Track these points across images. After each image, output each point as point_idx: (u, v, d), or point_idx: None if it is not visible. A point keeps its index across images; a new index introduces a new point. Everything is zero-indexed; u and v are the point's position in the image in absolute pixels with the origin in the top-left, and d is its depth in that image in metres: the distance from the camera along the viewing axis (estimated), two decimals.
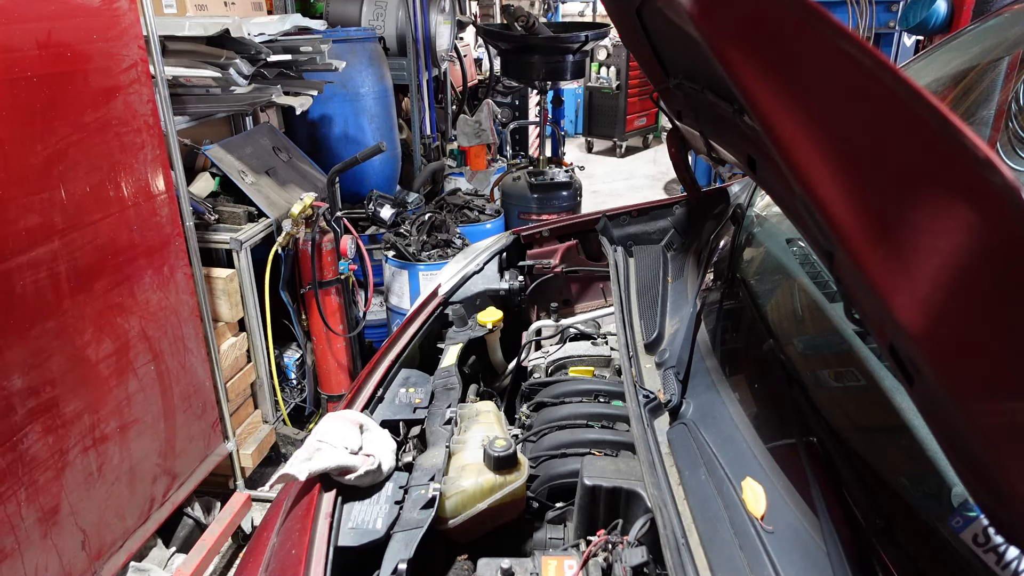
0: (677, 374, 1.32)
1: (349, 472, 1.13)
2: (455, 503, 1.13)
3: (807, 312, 1.35)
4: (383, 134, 3.62)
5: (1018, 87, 1.57)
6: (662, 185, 7.14)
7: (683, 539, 0.96)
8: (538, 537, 1.20)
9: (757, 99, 0.65)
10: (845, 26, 0.51)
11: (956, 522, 0.79)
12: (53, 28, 1.72)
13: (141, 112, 2.04)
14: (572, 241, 2.09)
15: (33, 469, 1.75)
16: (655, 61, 1.45)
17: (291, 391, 3.03)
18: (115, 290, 1.98)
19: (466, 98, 5.31)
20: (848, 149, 0.58)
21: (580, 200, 4.26)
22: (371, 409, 1.37)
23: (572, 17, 9.10)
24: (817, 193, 0.61)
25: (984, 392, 0.50)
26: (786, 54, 0.62)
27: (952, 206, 0.46)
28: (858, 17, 4.12)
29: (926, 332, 0.51)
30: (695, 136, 1.54)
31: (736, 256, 1.61)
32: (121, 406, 2.04)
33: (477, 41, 6.13)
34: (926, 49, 2.16)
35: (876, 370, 1.04)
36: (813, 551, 0.86)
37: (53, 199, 1.75)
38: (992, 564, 0.74)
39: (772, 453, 1.04)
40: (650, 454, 1.12)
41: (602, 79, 7.89)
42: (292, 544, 1.07)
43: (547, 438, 1.36)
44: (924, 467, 0.90)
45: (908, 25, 3.17)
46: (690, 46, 1.00)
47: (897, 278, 0.53)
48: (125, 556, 2.09)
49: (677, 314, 1.58)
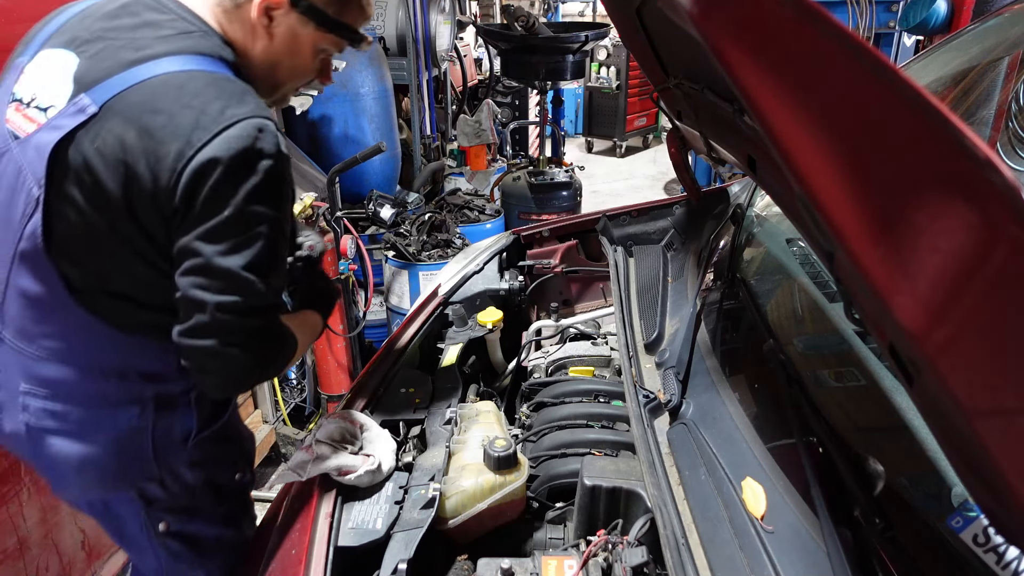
0: (677, 374, 1.32)
1: (349, 472, 1.13)
2: (455, 503, 1.13)
3: (807, 312, 1.35)
4: (383, 134, 3.61)
5: (1018, 87, 1.57)
6: (662, 185, 7.14)
7: (683, 539, 0.96)
8: (538, 537, 1.20)
9: (757, 99, 0.65)
10: (845, 26, 0.51)
11: (956, 522, 0.79)
12: None
13: None
14: (572, 241, 2.09)
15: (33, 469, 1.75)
16: (655, 61, 1.45)
17: (291, 391, 3.03)
18: None
19: (466, 98, 5.31)
20: (848, 149, 0.58)
21: (580, 200, 4.26)
22: (371, 409, 1.37)
23: (572, 17, 9.10)
24: (817, 193, 0.61)
25: (984, 392, 0.50)
26: (786, 54, 0.62)
27: (952, 206, 0.46)
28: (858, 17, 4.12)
29: (926, 332, 0.51)
30: (695, 136, 1.54)
31: (736, 256, 1.61)
32: None
33: (477, 41, 6.13)
34: (926, 49, 2.16)
35: (876, 370, 1.04)
36: (813, 551, 0.86)
37: None
38: (992, 564, 0.74)
39: (772, 453, 1.04)
40: (650, 454, 1.12)
41: (602, 79, 7.89)
42: (292, 544, 1.07)
43: (547, 438, 1.37)
44: (924, 467, 0.90)
45: (908, 25, 3.17)
46: (690, 46, 1.00)
47: (897, 278, 0.53)
48: (125, 556, 2.09)
49: (677, 314, 1.58)
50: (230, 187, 0.99)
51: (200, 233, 0.99)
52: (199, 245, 1.00)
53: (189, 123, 0.98)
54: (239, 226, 1.00)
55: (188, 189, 0.98)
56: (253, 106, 1.03)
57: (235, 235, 1.00)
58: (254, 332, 1.05)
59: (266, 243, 1.02)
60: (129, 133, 0.98)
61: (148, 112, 0.98)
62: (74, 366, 1.12)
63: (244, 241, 1.01)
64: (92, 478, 1.17)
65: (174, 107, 0.99)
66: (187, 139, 0.97)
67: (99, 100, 1.00)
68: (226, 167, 0.97)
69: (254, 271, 1.01)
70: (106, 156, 0.99)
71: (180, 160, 0.97)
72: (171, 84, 1.01)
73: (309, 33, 1.16)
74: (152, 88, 1.00)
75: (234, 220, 0.99)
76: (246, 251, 1.01)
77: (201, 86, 1.01)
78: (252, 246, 1.01)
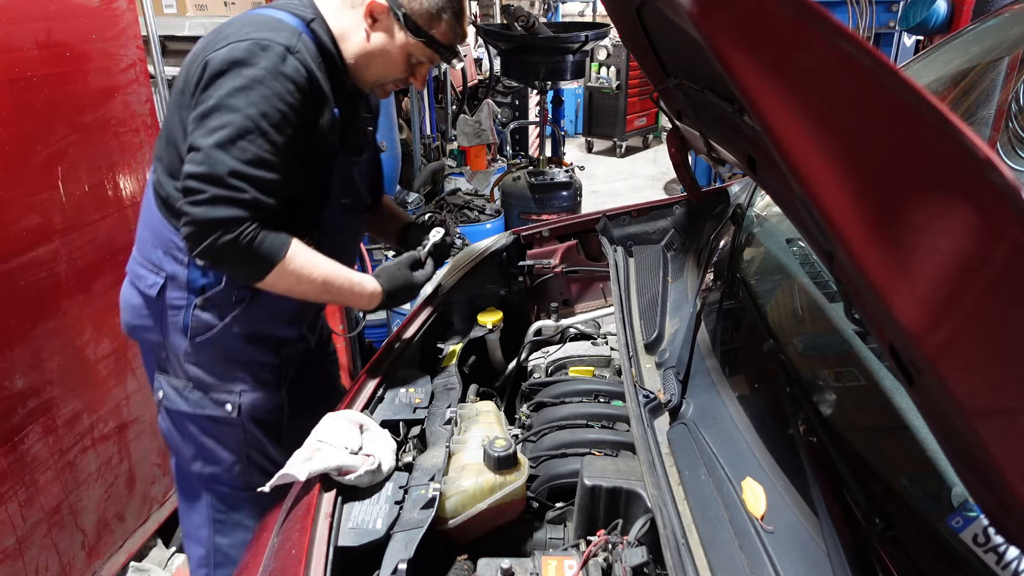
0: (677, 374, 1.32)
1: (349, 472, 1.13)
2: (455, 503, 1.13)
3: (807, 312, 1.35)
4: (383, 134, 3.61)
5: (1018, 87, 1.57)
6: (662, 185, 7.14)
7: (683, 539, 0.96)
8: (538, 537, 1.20)
9: (757, 99, 0.65)
10: (845, 26, 0.51)
11: (956, 522, 0.79)
12: (52, 28, 1.72)
13: (140, 112, 2.04)
14: (572, 241, 2.09)
15: (33, 469, 1.75)
16: (655, 61, 1.45)
17: None
18: (114, 290, 1.97)
19: (466, 98, 5.31)
20: (848, 149, 0.58)
21: (580, 200, 4.26)
22: (371, 409, 1.37)
23: (572, 17, 9.09)
24: (817, 193, 0.61)
25: (984, 392, 0.50)
26: (786, 54, 0.62)
27: (952, 206, 0.46)
28: (858, 17, 4.12)
29: (926, 332, 0.51)
30: (695, 136, 1.54)
31: (736, 256, 1.61)
32: (120, 406, 2.04)
33: (477, 41, 6.13)
34: (926, 49, 2.16)
35: (876, 370, 1.04)
36: (813, 551, 0.86)
37: (53, 199, 1.75)
38: (992, 564, 0.74)
39: (772, 453, 1.04)
40: (650, 454, 1.12)
41: (602, 79, 7.89)
42: (292, 544, 1.07)
43: (547, 438, 1.36)
44: (924, 467, 0.90)
45: (908, 25, 3.17)
46: (690, 46, 1.00)
47: (897, 278, 0.53)
48: (125, 556, 2.09)
49: (677, 314, 1.58)
50: (218, 83, 1.25)
51: (194, 117, 1.27)
52: (192, 128, 1.27)
53: (222, 37, 1.29)
54: (217, 114, 1.24)
55: (196, 82, 1.28)
56: (273, 35, 1.28)
57: (213, 121, 1.24)
58: (215, 198, 1.24)
59: (239, 132, 1.23)
60: (201, 43, 1.35)
61: (215, 32, 1.34)
62: (144, 229, 1.51)
63: (219, 126, 1.24)
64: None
65: (227, 29, 1.32)
66: (212, 46, 1.28)
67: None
68: (218, 67, 1.25)
69: (223, 149, 1.23)
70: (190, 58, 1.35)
71: (200, 61, 1.28)
72: (239, 18, 1.36)
73: (403, 40, 1.41)
74: (229, 20, 1.36)
75: (213, 109, 1.25)
76: (218, 133, 1.24)
77: (253, 18, 1.33)
78: (224, 130, 1.23)
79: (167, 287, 1.45)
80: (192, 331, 1.45)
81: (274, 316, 1.51)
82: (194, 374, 1.49)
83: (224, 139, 1.23)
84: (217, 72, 1.25)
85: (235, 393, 1.50)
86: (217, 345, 1.47)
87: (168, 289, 1.45)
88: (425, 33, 1.39)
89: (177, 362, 1.50)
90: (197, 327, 1.45)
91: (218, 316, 1.45)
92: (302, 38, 1.32)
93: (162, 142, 1.41)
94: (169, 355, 1.50)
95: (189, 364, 1.48)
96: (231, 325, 1.46)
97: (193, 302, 1.44)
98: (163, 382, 1.53)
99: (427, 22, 1.39)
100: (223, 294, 1.44)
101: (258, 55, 1.25)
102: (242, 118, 1.23)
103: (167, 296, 1.45)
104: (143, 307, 1.50)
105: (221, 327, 1.46)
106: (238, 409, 1.50)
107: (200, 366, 1.48)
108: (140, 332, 1.53)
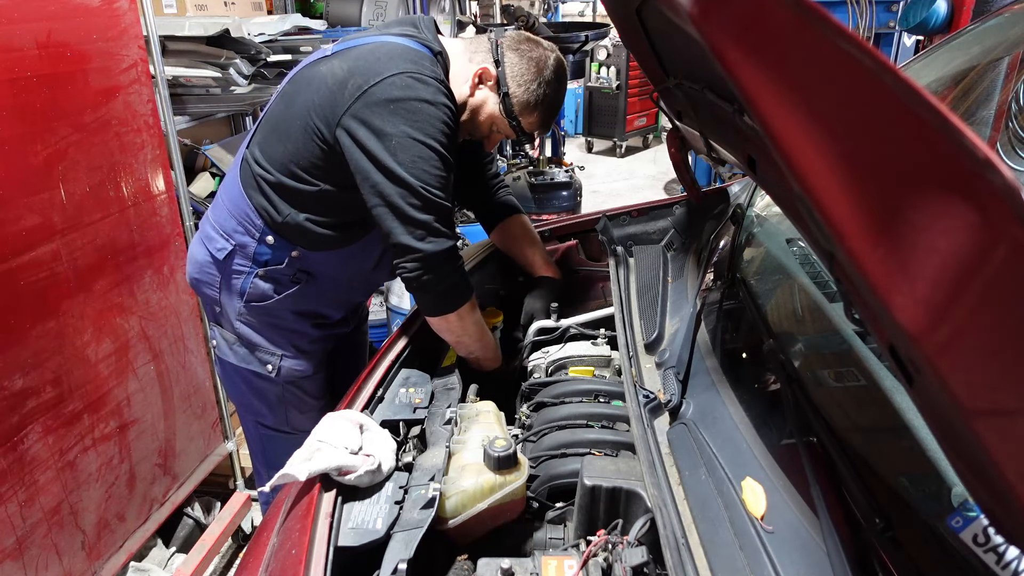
0: (677, 374, 1.32)
1: (349, 472, 1.13)
2: (455, 503, 1.13)
3: (807, 312, 1.35)
4: None
5: (1018, 87, 1.57)
6: (662, 185, 7.14)
7: (683, 539, 0.96)
8: (538, 537, 1.20)
9: (757, 99, 0.65)
10: (845, 26, 0.51)
11: (956, 522, 0.79)
12: (53, 28, 1.72)
13: (141, 112, 2.04)
14: (572, 241, 2.09)
15: (33, 469, 1.75)
16: (655, 61, 1.45)
17: None
18: (115, 290, 1.98)
19: None
20: (848, 149, 0.58)
21: (580, 200, 4.26)
22: (371, 409, 1.37)
23: (572, 17, 9.10)
24: (817, 193, 0.61)
25: (984, 392, 0.50)
26: (786, 54, 0.62)
27: (952, 206, 0.46)
28: (858, 17, 4.12)
29: (926, 332, 0.51)
30: (695, 136, 1.54)
31: (736, 256, 1.61)
32: (121, 406, 2.04)
33: None
34: (926, 49, 2.16)
35: (876, 370, 1.04)
36: (813, 551, 0.86)
37: (53, 199, 1.75)
38: (992, 564, 0.74)
39: (772, 453, 1.04)
40: (650, 454, 1.12)
41: (602, 79, 7.89)
42: (292, 544, 1.07)
43: (547, 438, 1.36)
44: (924, 467, 0.90)
45: (908, 25, 3.17)
46: (690, 46, 1.00)
47: (897, 278, 0.53)
48: (125, 556, 2.09)
49: (677, 314, 1.58)
50: (390, 119, 1.36)
51: (373, 148, 1.38)
52: (361, 158, 1.41)
53: (371, 68, 1.39)
54: (402, 152, 1.38)
55: (347, 105, 1.38)
56: (411, 67, 1.39)
57: (404, 155, 1.38)
58: (420, 223, 1.39)
59: (429, 164, 1.39)
60: (342, 67, 1.43)
61: (355, 58, 1.43)
62: (224, 195, 1.65)
63: (410, 161, 1.38)
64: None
65: (370, 57, 1.42)
66: (365, 75, 1.38)
67: (335, 48, 1.51)
68: (385, 99, 1.36)
69: (428, 188, 1.39)
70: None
71: (357, 90, 1.38)
72: (380, 46, 1.45)
73: (494, 111, 1.56)
74: (369, 46, 1.46)
75: (397, 148, 1.38)
76: (416, 170, 1.39)
77: (392, 50, 1.43)
78: (419, 164, 1.38)
79: (235, 254, 1.60)
80: (248, 296, 1.62)
81: (324, 300, 1.69)
82: (243, 332, 1.66)
83: (422, 177, 1.37)
84: (385, 102, 1.36)
85: (276, 356, 1.67)
86: (267, 312, 1.63)
87: (235, 256, 1.60)
88: (515, 117, 1.54)
89: (229, 319, 1.67)
90: (253, 294, 1.62)
91: (274, 290, 1.62)
92: (436, 69, 1.46)
93: (268, 128, 1.54)
94: (224, 311, 1.67)
95: (240, 323, 1.66)
96: (284, 300, 1.62)
97: (255, 271, 1.60)
98: (216, 333, 1.73)
99: (521, 109, 1.54)
100: (283, 272, 1.60)
101: (417, 88, 1.37)
102: (424, 149, 1.36)
103: (233, 261, 1.61)
104: (209, 264, 1.65)
105: (275, 300, 1.62)
106: (278, 371, 1.68)
107: (249, 326, 1.66)
108: (201, 286, 1.70)
